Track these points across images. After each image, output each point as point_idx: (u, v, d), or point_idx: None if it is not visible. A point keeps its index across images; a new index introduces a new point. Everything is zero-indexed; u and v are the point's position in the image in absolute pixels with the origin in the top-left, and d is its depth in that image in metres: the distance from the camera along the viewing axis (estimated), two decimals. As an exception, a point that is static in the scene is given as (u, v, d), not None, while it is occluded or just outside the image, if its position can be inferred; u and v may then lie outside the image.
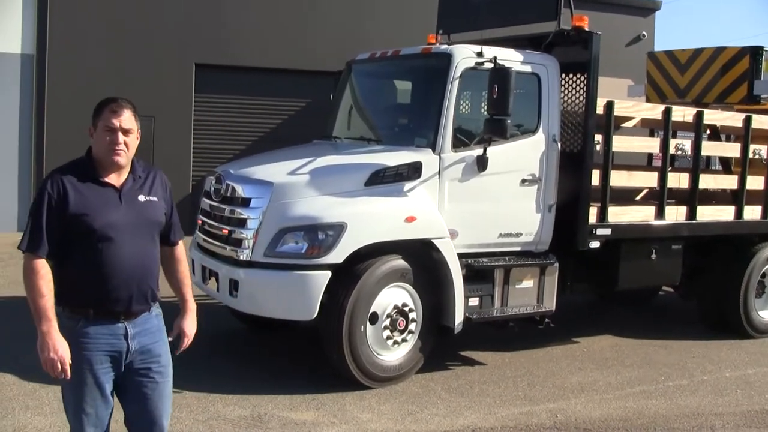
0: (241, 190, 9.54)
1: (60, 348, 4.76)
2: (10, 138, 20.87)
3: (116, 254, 4.90)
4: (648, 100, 14.79)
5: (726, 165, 14.03)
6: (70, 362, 4.80)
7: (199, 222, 10.35)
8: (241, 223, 9.37)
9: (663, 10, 32.00)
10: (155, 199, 5.17)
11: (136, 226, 5.02)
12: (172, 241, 5.43)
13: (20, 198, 20.87)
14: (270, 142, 20.48)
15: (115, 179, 5.03)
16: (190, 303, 5.48)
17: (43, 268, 4.83)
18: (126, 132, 4.97)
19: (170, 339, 5.34)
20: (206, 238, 10.11)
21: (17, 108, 20.91)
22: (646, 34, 26.57)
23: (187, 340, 5.42)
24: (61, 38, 20.89)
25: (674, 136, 12.06)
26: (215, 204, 9.92)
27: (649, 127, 14.06)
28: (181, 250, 5.53)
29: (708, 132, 13.00)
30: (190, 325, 5.45)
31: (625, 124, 12.07)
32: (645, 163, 15.30)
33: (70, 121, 20.34)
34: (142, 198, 5.10)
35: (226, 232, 9.57)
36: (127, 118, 4.98)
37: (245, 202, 9.45)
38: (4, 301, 12.90)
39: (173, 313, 5.45)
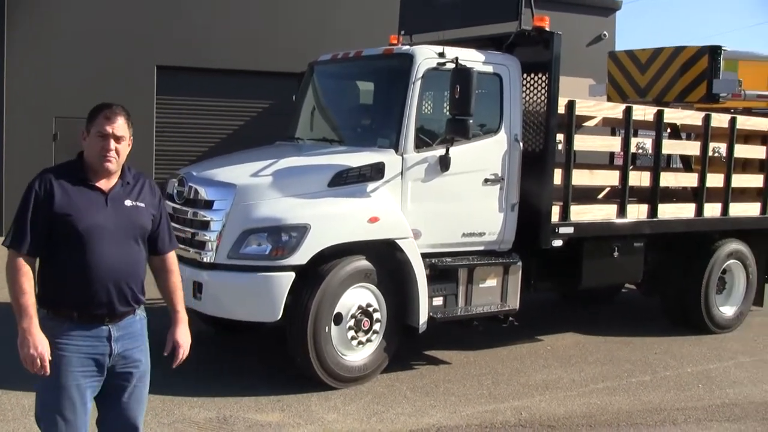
0: (204, 193, 9.53)
1: (40, 345, 4.76)
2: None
3: (99, 257, 4.90)
4: (609, 100, 14.86)
5: (687, 163, 14.14)
6: (50, 359, 4.79)
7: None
8: (205, 225, 9.37)
9: (623, 10, 32.21)
10: (142, 204, 5.17)
11: (121, 230, 5.02)
12: (159, 250, 5.39)
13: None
14: (233, 143, 20.38)
15: (104, 183, 5.05)
16: (182, 314, 5.45)
17: (25, 266, 4.84)
18: (118, 139, 4.99)
19: (166, 353, 5.34)
20: (170, 240, 10.06)
21: (-24, 109, 20.73)
22: (607, 33, 26.71)
23: (183, 351, 5.39)
24: (20, 40, 20.73)
25: (635, 134, 12.14)
26: (178, 206, 9.87)
27: (610, 126, 14.17)
28: (173, 260, 5.49)
29: (668, 130, 13.10)
30: (183, 336, 5.42)
31: (586, 124, 12.14)
32: (607, 161, 15.41)
33: (30, 122, 20.29)
34: (128, 203, 5.10)
35: (190, 234, 9.55)
36: (120, 125, 5.00)
37: (208, 204, 9.43)
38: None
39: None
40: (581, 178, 11.42)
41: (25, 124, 20.32)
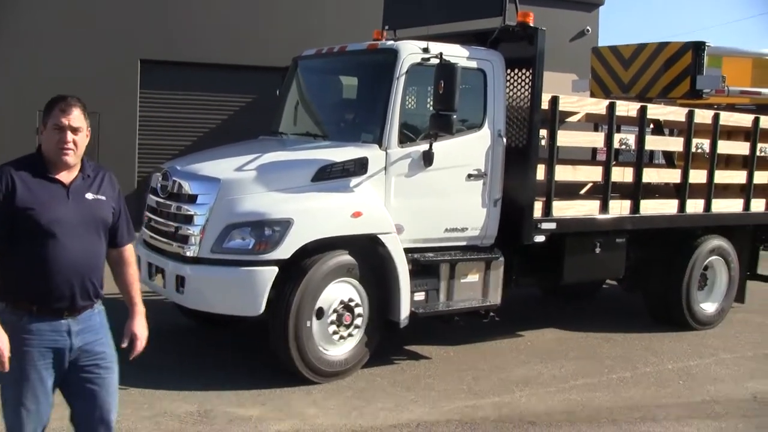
0: (188, 187, 9.51)
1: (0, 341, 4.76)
2: (-46, 134, 20.59)
3: (61, 250, 4.89)
4: (592, 95, 14.91)
5: (669, 159, 14.19)
6: (9, 355, 4.77)
7: (146, 218, 10.31)
8: (188, 219, 9.35)
9: (606, 5, 32.26)
10: (103, 197, 5.15)
11: (82, 223, 5.00)
12: (118, 243, 5.37)
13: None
14: (216, 137, 20.38)
15: (64, 176, 5.02)
16: (139, 306, 5.42)
17: None
18: (75, 130, 4.97)
19: (123, 345, 5.31)
20: (153, 234, 10.05)
21: (-42, 106, 20.65)
22: (590, 29, 26.75)
23: (140, 343, 5.35)
24: (6, 34, 20.67)
25: (618, 130, 12.15)
26: (162, 200, 9.88)
27: (593, 122, 14.20)
28: (130, 252, 5.48)
29: (651, 126, 13.12)
30: (141, 328, 5.38)
31: (569, 119, 12.17)
32: (589, 157, 15.44)
33: (13, 118, 20.23)
34: (89, 196, 5.08)
35: (173, 228, 9.55)
36: (75, 117, 4.97)
37: (192, 199, 9.42)
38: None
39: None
40: (564, 173, 11.45)
41: (8, 117, 20.29)
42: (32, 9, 20.99)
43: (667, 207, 12.65)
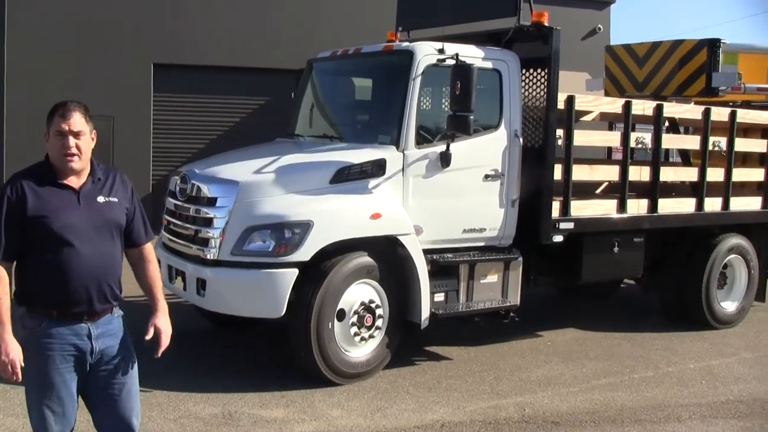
0: (207, 190, 9.53)
1: (12, 351, 4.77)
2: (-33, 139, 20.68)
3: (76, 255, 4.90)
4: (606, 94, 14.88)
5: (685, 157, 14.15)
6: (22, 365, 4.80)
7: (165, 221, 10.33)
8: (208, 222, 9.37)
9: (617, 3, 32.22)
10: (115, 200, 5.16)
11: (95, 227, 5.02)
12: (136, 242, 5.38)
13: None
14: (229, 140, 20.46)
15: (74, 181, 5.04)
16: (162, 302, 5.41)
17: (1, 271, 4.83)
18: (76, 135, 4.97)
19: (147, 338, 5.27)
20: (172, 237, 10.09)
21: (-26, 111, 20.72)
22: (601, 27, 26.70)
23: (165, 338, 5.32)
24: (20, 40, 20.73)
25: (633, 129, 12.11)
26: (180, 203, 9.90)
27: (608, 121, 14.17)
28: (150, 250, 5.48)
29: (666, 124, 13.08)
30: (164, 323, 5.36)
31: (584, 118, 12.14)
32: (603, 156, 15.42)
33: (28, 122, 20.18)
34: (101, 199, 5.10)
35: (193, 231, 9.57)
36: (76, 121, 4.97)
37: (211, 202, 9.44)
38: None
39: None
40: (581, 173, 11.42)
41: (21, 123, 20.33)
42: (45, 14, 21.04)
43: (685, 206, 12.62)
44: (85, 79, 20.22)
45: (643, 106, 11.99)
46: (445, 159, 9.80)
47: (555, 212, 10.82)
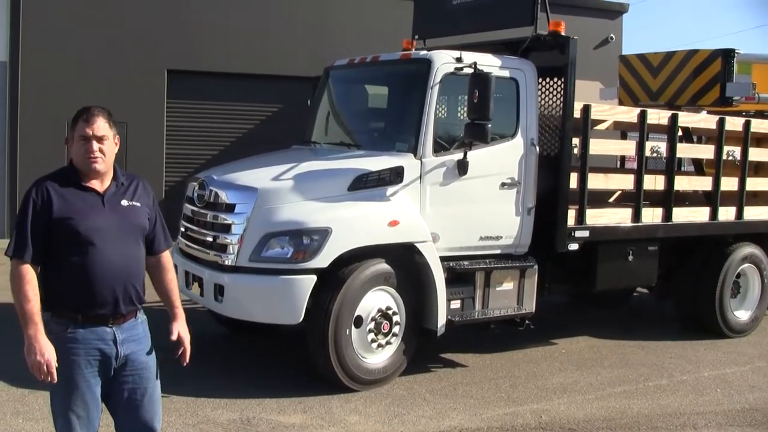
0: (225, 196, 9.58)
1: (46, 351, 4.80)
2: (-17, 145, 20.75)
3: (101, 257, 4.95)
4: (621, 103, 14.90)
5: (698, 166, 14.17)
6: (57, 365, 4.83)
7: (182, 227, 10.38)
8: (226, 228, 9.43)
9: (630, 12, 32.21)
10: (138, 204, 5.23)
11: (119, 230, 5.07)
12: (156, 250, 5.44)
13: (-7, 205, 20.80)
14: (242, 146, 20.56)
15: (98, 185, 5.09)
16: (179, 310, 5.48)
17: (29, 273, 4.87)
18: (100, 139, 5.03)
19: (172, 344, 5.35)
20: (189, 243, 10.14)
21: (-9, 115, 20.79)
22: (614, 36, 26.71)
23: (186, 344, 5.40)
24: (35, 46, 20.79)
25: (647, 138, 12.13)
26: (198, 209, 9.96)
27: (621, 130, 14.20)
28: (168, 258, 5.55)
29: (680, 134, 13.11)
30: (184, 330, 5.43)
31: (597, 127, 12.17)
32: (613, 165, 15.44)
33: (43, 128, 20.37)
34: (125, 203, 5.15)
35: (210, 237, 9.62)
36: (100, 126, 5.03)
37: (230, 208, 9.49)
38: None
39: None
40: (596, 181, 11.47)
41: (38, 128, 20.45)
42: (60, 21, 21.09)
43: (699, 215, 12.65)
44: (99, 85, 20.27)
45: (658, 116, 12.03)
46: (462, 167, 9.84)
47: (570, 220, 10.85)
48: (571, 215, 10.89)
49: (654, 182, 12.09)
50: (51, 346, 4.85)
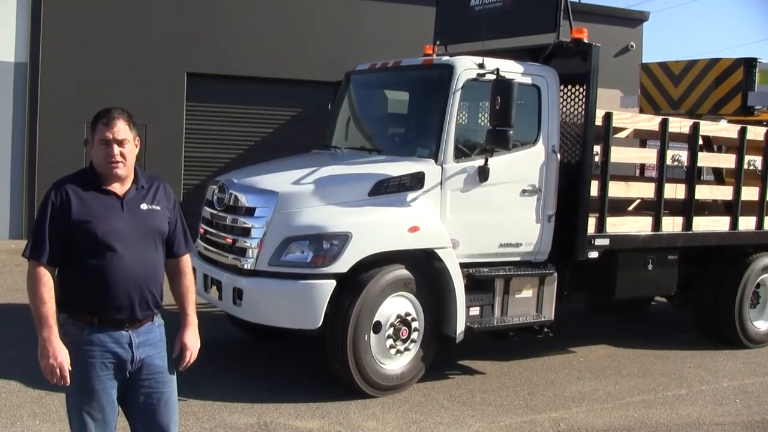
0: (246, 200, 9.57)
1: (60, 355, 4.80)
2: (2, 146, 20.77)
3: (118, 261, 4.93)
4: (641, 111, 14.87)
5: (718, 175, 14.13)
6: (71, 369, 4.83)
7: (201, 230, 10.38)
8: (246, 232, 9.42)
9: (650, 21, 32.13)
10: (158, 207, 5.19)
11: (138, 234, 5.05)
12: (176, 253, 5.41)
13: (12, 206, 20.78)
14: (261, 150, 20.58)
15: (118, 188, 5.08)
16: (192, 317, 5.44)
17: (45, 276, 4.87)
18: (120, 143, 5.00)
19: (174, 355, 5.32)
20: (208, 246, 10.14)
21: (10, 116, 20.82)
22: (634, 44, 26.62)
23: (190, 355, 5.35)
24: (54, 47, 20.84)
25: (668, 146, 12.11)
26: (217, 213, 9.95)
27: (642, 138, 14.17)
28: (187, 262, 5.51)
29: (701, 143, 13.06)
30: (192, 339, 5.39)
31: (617, 135, 12.13)
32: (632, 173, 15.40)
33: (62, 129, 20.43)
34: (144, 206, 5.13)
35: (230, 240, 9.61)
36: (120, 129, 5.00)
37: (249, 212, 9.48)
38: (3, 309, 12.85)
39: (175, 322, 5.47)
40: (617, 189, 11.41)
41: (57, 129, 20.52)
42: (80, 24, 21.13)
43: (720, 224, 12.61)
44: (118, 87, 20.26)
45: (680, 124, 11.98)
46: (483, 173, 9.81)
47: (591, 228, 10.82)
48: (592, 223, 10.86)
49: (675, 191, 12.04)
50: (65, 349, 4.84)
